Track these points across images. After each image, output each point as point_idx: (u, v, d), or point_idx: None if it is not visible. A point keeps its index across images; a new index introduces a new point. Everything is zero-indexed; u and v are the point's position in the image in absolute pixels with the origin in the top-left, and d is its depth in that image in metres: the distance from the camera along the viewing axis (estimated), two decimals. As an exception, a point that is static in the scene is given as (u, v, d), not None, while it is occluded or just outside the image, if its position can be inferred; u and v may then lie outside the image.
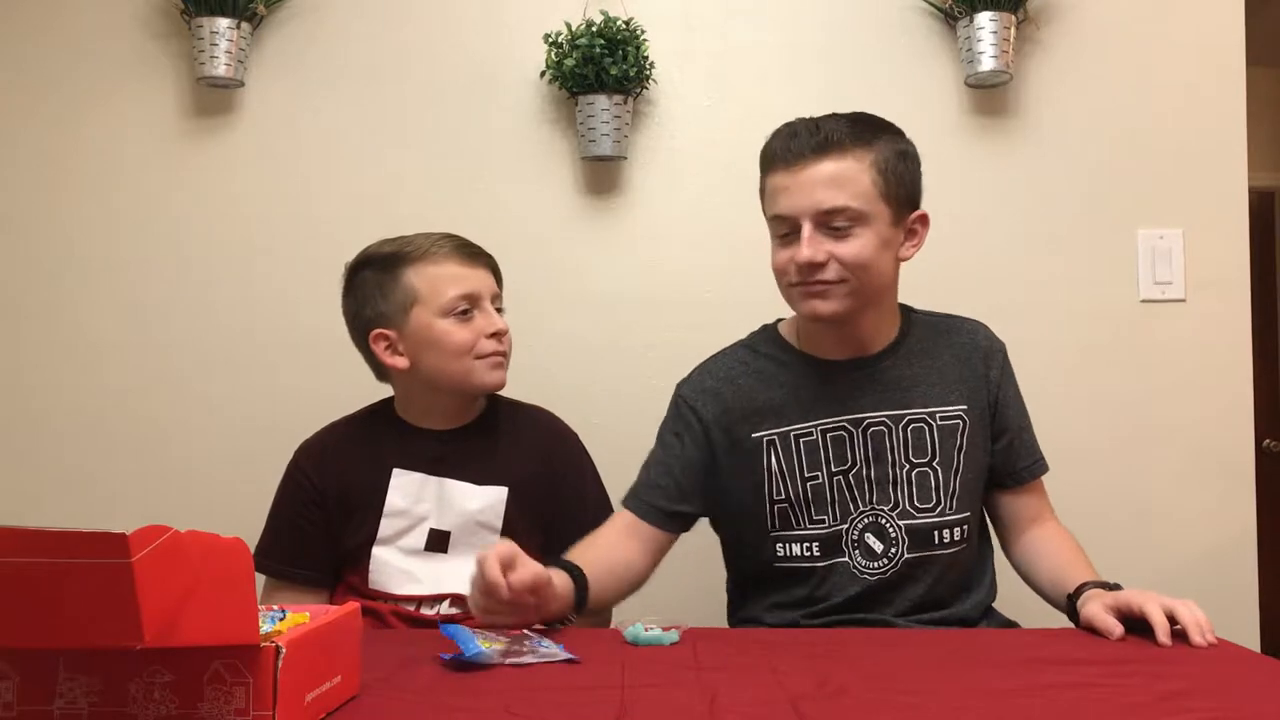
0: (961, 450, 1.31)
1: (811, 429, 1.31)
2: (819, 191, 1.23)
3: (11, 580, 0.64)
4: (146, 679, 0.74)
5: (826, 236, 1.24)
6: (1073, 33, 1.97)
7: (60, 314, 1.95)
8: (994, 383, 1.36)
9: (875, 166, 1.24)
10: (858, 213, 1.23)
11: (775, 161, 1.27)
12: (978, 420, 1.33)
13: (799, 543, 1.30)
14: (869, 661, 1.01)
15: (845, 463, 1.30)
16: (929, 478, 1.29)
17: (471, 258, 1.44)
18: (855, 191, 1.23)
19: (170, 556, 0.64)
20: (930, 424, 1.31)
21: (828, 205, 1.23)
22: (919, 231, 1.32)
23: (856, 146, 1.24)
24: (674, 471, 1.35)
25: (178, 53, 1.96)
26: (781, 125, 1.30)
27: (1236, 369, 1.96)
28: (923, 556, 1.29)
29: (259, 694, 0.73)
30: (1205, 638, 1.06)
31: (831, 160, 1.23)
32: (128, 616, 0.62)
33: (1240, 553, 1.94)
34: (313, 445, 1.49)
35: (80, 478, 1.94)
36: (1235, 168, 1.96)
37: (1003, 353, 1.40)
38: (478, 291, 1.42)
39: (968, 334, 1.39)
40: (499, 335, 1.42)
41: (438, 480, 1.42)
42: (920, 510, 1.29)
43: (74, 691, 0.75)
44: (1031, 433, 1.40)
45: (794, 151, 1.25)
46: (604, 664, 0.99)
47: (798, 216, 1.25)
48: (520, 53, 1.95)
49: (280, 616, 0.82)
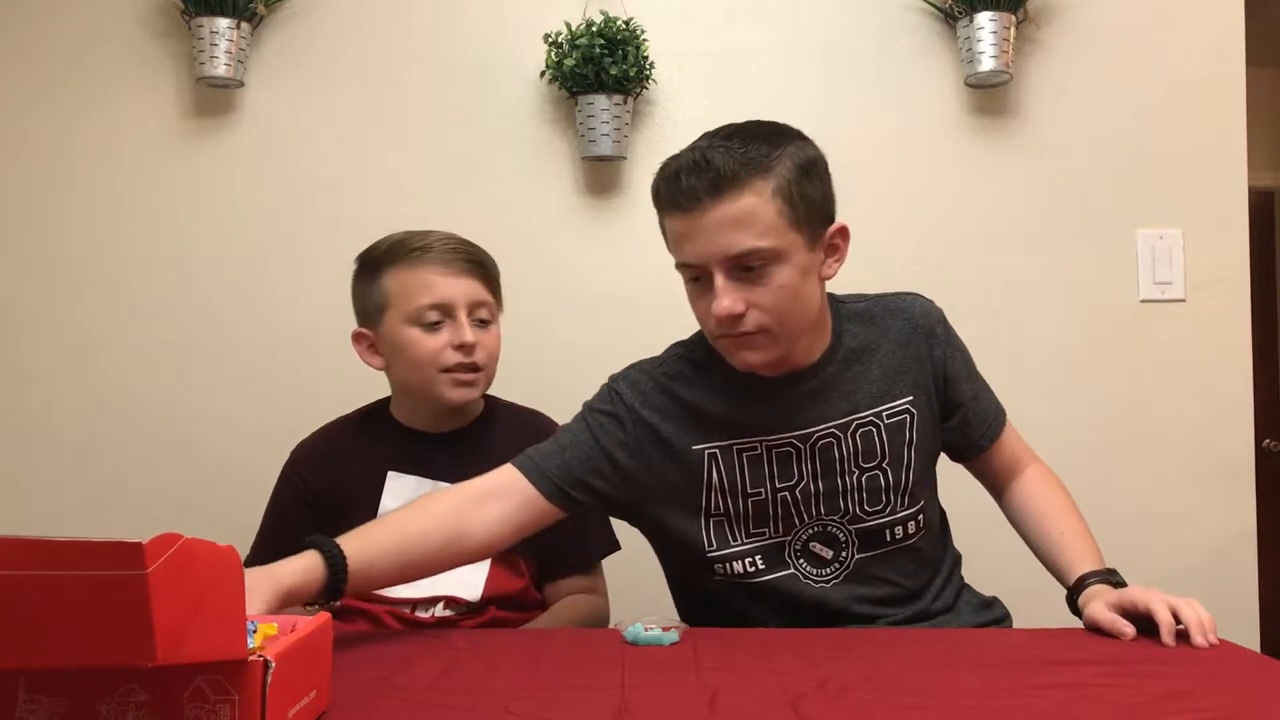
0: (911, 444, 1.26)
1: (756, 444, 1.23)
2: (722, 237, 1.11)
3: (11, 594, 0.59)
4: (119, 699, 0.67)
5: (741, 283, 1.14)
6: (1073, 33, 1.98)
7: (60, 313, 1.95)
8: (938, 360, 1.28)
9: (779, 194, 1.12)
10: (769, 252, 1.12)
11: (666, 206, 1.16)
12: (925, 406, 1.27)
13: (739, 559, 1.24)
14: (869, 661, 1.01)
15: (791, 478, 1.23)
16: (879, 479, 1.24)
17: (452, 265, 1.38)
18: (761, 229, 1.11)
19: (181, 567, 0.60)
20: (878, 424, 1.25)
21: (735, 250, 1.12)
22: (840, 246, 1.21)
23: (753, 177, 1.11)
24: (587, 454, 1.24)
25: (178, 53, 1.96)
26: (667, 160, 1.16)
27: (1236, 369, 1.96)
28: (875, 555, 1.25)
29: (246, 711, 0.68)
30: (1208, 638, 1.06)
31: (728, 200, 1.10)
32: (139, 632, 0.57)
33: (1240, 553, 1.94)
34: (308, 447, 1.48)
35: (78, 478, 1.93)
36: (1235, 168, 1.96)
37: (942, 323, 1.31)
38: (450, 301, 1.37)
39: (901, 315, 1.29)
40: (465, 348, 1.36)
41: (431, 484, 1.40)
42: (870, 513, 1.24)
43: (36, 715, 0.67)
44: (984, 397, 1.34)
45: (684, 194, 1.12)
46: (604, 664, 0.99)
47: (705, 265, 1.14)
48: (520, 53, 1.95)
49: (251, 629, 0.76)
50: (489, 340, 1.41)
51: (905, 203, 1.97)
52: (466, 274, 1.38)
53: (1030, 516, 1.32)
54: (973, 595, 1.34)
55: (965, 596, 1.33)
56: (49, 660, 0.63)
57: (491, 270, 1.43)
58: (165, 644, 0.59)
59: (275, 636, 0.77)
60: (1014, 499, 1.34)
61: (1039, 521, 1.30)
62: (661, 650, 1.06)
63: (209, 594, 0.64)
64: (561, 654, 1.05)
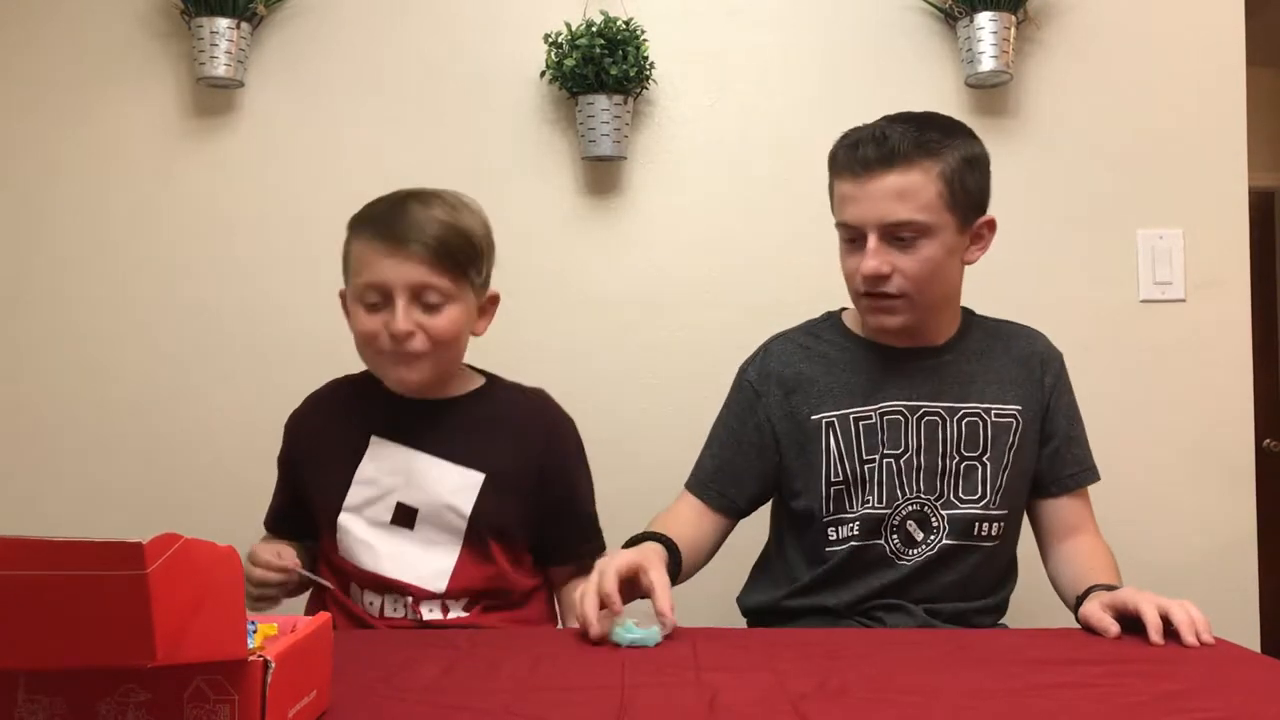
0: (1013, 448, 1.32)
1: (870, 413, 1.32)
2: (884, 204, 1.24)
3: (10, 594, 0.58)
4: (119, 699, 0.67)
5: (892, 248, 1.25)
6: (1073, 33, 1.98)
7: (59, 313, 1.95)
8: (1048, 388, 1.37)
9: (942, 177, 1.24)
10: (923, 225, 1.24)
11: (841, 170, 1.28)
12: (1031, 422, 1.34)
13: (848, 524, 1.31)
14: (869, 661, 1.01)
15: (898, 447, 1.31)
16: (977, 471, 1.31)
17: (394, 244, 1.27)
18: (920, 204, 1.24)
19: (181, 567, 0.60)
20: (985, 419, 1.32)
21: (893, 218, 1.24)
22: (985, 236, 1.33)
23: (923, 157, 1.24)
24: (740, 460, 1.38)
25: (178, 53, 1.96)
26: (849, 130, 1.30)
27: (1236, 369, 1.96)
28: (960, 545, 1.30)
29: (246, 711, 0.68)
30: (1200, 637, 1.06)
31: (897, 173, 1.23)
32: (139, 632, 0.57)
33: (1240, 553, 1.94)
34: (302, 404, 1.48)
35: (76, 478, 1.94)
36: (1235, 168, 1.96)
37: (1059, 361, 1.41)
38: (387, 283, 1.27)
39: (1026, 340, 1.41)
40: (395, 337, 1.28)
41: (414, 454, 1.36)
42: (964, 501, 1.31)
43: (36, 715, 0.67)
44: (1084, 444, 1.40)
45: (859, 162, 1.25)
46: (604, 664, 0.99)
47: (863, 227, 1.26)
48: (520, 53, 1.95)
49: (251, 629, 0.76)
50: (438, 324, 1.29)
51: (905, 203, 1.97)
52: (410, 256, 1.27)
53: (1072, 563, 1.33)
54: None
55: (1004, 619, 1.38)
56: (49, 660, 0.62)
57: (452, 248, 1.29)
58: (165, 644, 0.58)
59: (275, 636, 0.77)
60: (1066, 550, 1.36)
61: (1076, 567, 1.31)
62: (662, 650, 1.06)
63: (209, 594, 0.63)
64: (561, 654, 1.05)
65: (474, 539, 1.33)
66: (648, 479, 1.66)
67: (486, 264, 1.37)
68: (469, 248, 1.32)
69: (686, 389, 1.91)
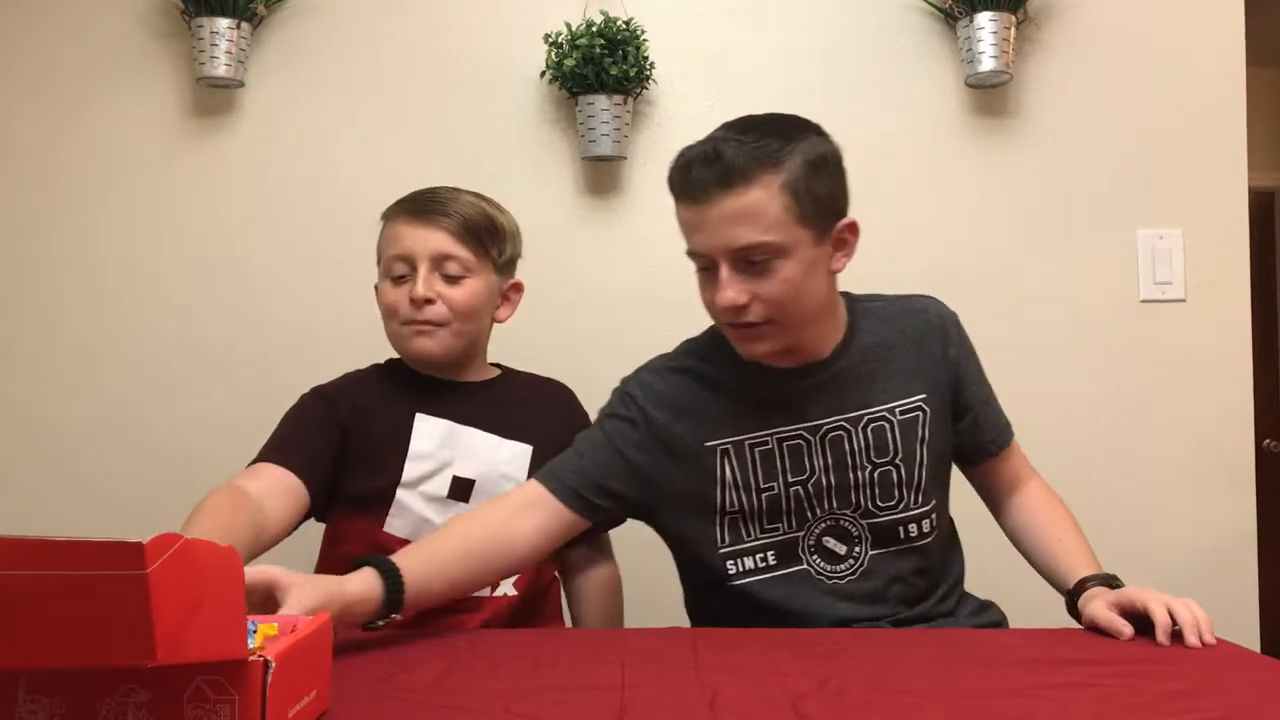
0: (924, 441, 1.26)
1: (767, 438, 1.23)
2: (728, 231, 1.13)
3: (10, 594, 0.58)
4: (119, 699, 0.67)
5: (746, 275, 1.15)
6: (1073, 33, 1.98)
7: (58, 313, 1.95)
8: (952, 361, 1.29)
9: (787, 190, 1.12)
10: (775, 246, 1.13)
11: (678, 195, 1.17)
12: (938, 405, 1.28)
13: (751, 555, 1.24)
14: (869, 661, 1.01)
15: (803, 472, 1.23)
16: (892, 474, 1.25)
17: (420, 217, 1.36)
18: (767, 224, 1.12)
19: (181, 567, 0.59)
20: (891, 420, 1.25)
21: (740, 243, 1.13)
22: (849, 241, 1.22)
23: (762, 171, 1.12)
24: (604, 459, 1.25)
25: (178, 53, 1.96)
26: (683, 149, 1.17)
27: (1236, 369, 1.96)
28: (889, 552, 1.25)
29: (246, 711, 0.68)
30: (1203, 638, 1.06)
31: (735, 194, 1.11)
32: (139, 632, 0.57)
33: (1240, 553, 1.94)
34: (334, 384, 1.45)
35: (75, 478, 1.93)
36: (1235, 168, 1.96)
37: (957, 326, 1.32)
38: (411, 253, 1.36)
39: (917, 314, 1.31)
40: (415, 302, 1.34)
41: (463, 429, 1.38)
42: (883, 508, 1.25)
43: (36, 715, 0.67)
44: (994, 404, 1.35)
45: (694, 185, 1.13)
46: (604, 664, 0.99)
47: (714, 257, 1.15)
48: (520, 53, 1.95)
49: (251, 629, 0.76)
50: (456, 295, 1.36)
51: (905, 203, 1.97)
52: (434, 226, 1.36)
53: (1029, 526, 1.32)
54: (971, 600, 1.35)
55: (965, 603, 1.34)
56: (49, 660, 0.62)
57: (476, 225, 1.38)
58: (165, 644, 0.58)
59: (275, 636, 0.77)
60: (1014, 511, 1.35)
61: (1037, 531, 1.31)
62: (662, 650, 1.06)
63: (209, 594, 0.63)
64: (561, 654, 1.05)
65: None
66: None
67: (510, 247, 1.45)
68: (492, 225, 1.40)
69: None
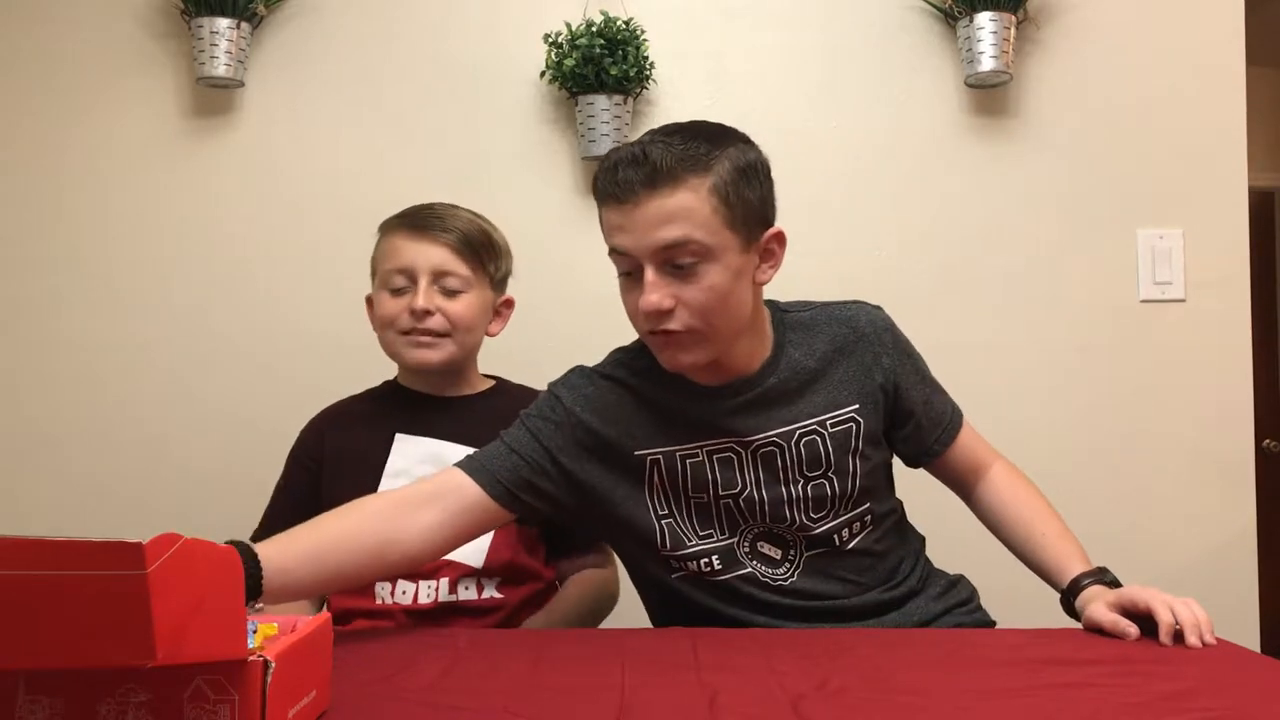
0: (856, 453, 1.23)
1: (697, 450, 1.21)
2: (654, 230, 1.10)
3: (10, 594, 0.58)
4: (119, 699, 0.67)
5: (671, 278, 1.12)
6: (1073, 33, 1.98)
7: (58, 313, 1.95)
8: (888, 369, 1.25)
9: (715, 193, 1.10)
10: (701, 246, 1.10)
11: (604, 196, 1.14)
12: (871, 414, 1.25)
13: (695, 560, 1.22)
14: (869, 661, 1.01)
15: (735, 486, 1.21)
16: (824, 487, 1.22)
17: (420, 231, 1.41)
18: (695, 224, 1.10)
19: (181, 567, 0.60)
20: (822, 433, 1.22)
21: (667, 240, 1.10)
22: (776, 252, 1.19)
23: (690, 174, 1.10)
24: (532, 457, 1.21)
25: (178, 53, 1.96)
26: (609, 152, 1.16)
27: (1236, 369, 1.96)
28: (823, 554, 1.23)
29: (246, 711, 0.68)
30: (1204, 638, 1.06)
31: (663, 195, 1.09)
32: (139, 632, 0.57)
33: (1240, 553, 1.94)
34: (321, 414, 1.52)
35: (75, 479, 1.94)
36: (1235, 168, 1.96)
37: (890, 330, 1.28)
38: (411, 266, 1.40)
39: (847, 324, 1.26)
40: (416, 313, 1.38)
41: (440, 444, 1.42)
42: (816, 520, 1.23)
43: (36, 715, 0.67)
44: (938, 398, 1.31)
45: (620, 186, 1.11)
46: (604, 664, 0.99)
47: (635, 255, 1.12)
48: (520, 53, 1.95)
49: (251, 629, 0.76)
50: (455, 308, 1.41)
51: (905, 203, 1.97)
52: (434, 242, 1.41)
53: (1005, 519, 1.29)
54: (940, 576, 1.33)
55: (932, 579, 1.32)
56: (49, 660, 0.62)
57: (474, 241, 1.43)
58: (165, 644, 0.58)
59: (275, 636, 0.77)
60: (984, 501, 1.32)
61: (1015, 524, 1.28)
62: (661, 650, 1.06)
63: (209, 594, 0.63)
64: (561, 654, 1.05)
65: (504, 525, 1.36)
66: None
67: (505, 264, 1.50)
68: (489, 242, 1.46)
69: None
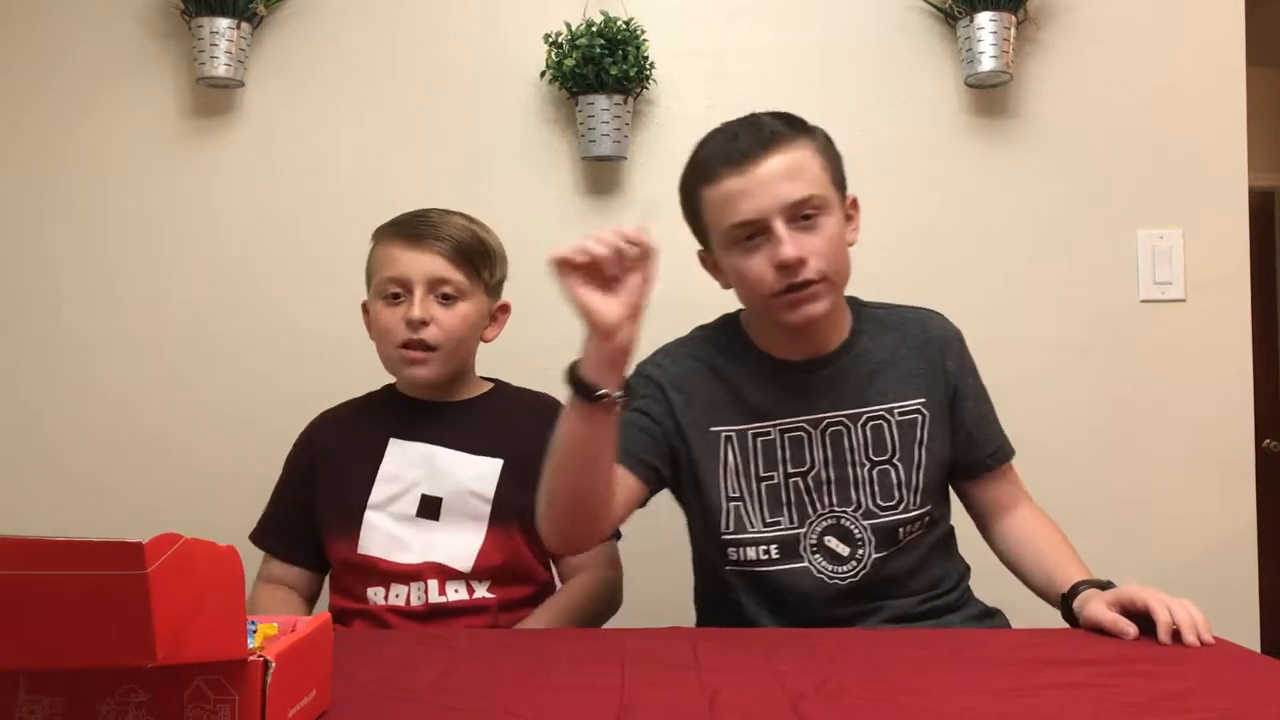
0: (922, 444, 1.28)
1: (769, 428, 1.27)
2: (781, 185, 1.19)
3: (10, 594, 0.58)
4: (119, 699, 0.67)
5: (799, 232, 1.20)
6: (1073, 33, 1.98)
7: (58, 313, 1.95)
8: (951, 374, 1.32)
9: (820, 153, 1.23)
10: (821, 199, 1.21)
11: (719, 167, 1.22)
12: (937, 412, 1.30)
13: (753, 546, 1.26)
14: (869, 661, 1.01)
15: (803, 464, 1.26)
16: (890, 474, 1.27)
17: (416, 241, 1.39)
18: (812, 178, 1.21)
19: (181, 567, 0.60)
20: (889, 420, 1.28)
21: (796, 196, 1.19)
22: (854, 216, 1.30)
23: (799, 135, 1.22)
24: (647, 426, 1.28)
25: (178, 53, 1.96)
26: (711, 132, 1.26)
27: (1236, 369, 1.96)
28: (890, 554, 1.26)
29: (246, 711, 0.68)
30: (1200, 637, 1.06)
31: (782, 151, 1.20)
32: (139, 632, 0.57)
33: (1240, 553, 1.94)
34: (320, 416, 1.53)
35: (74, 479, 1.93)
36: (1235, 168, 1.96)
37: (959, 341, 1.36)
38: (407, 276, 1.38)
39: (920, 325, 1.35)
40: (411, 323, 1.37)
41: (433, 449, 1.42)
42: (884, 508, 1.26)
43: (36, 715, 0.67)
44: (994, 420, 1.36)
45: (741, 151, 1.20)
46: (604, 664, 0.99)
47: (765, 217, 1.19)
48: (520, 53, 1.95)
49: (251, 629, 0.76)
50: (447, 318, 1.39)
51: (905, 203, 1.97)
52: (429, 250, 1.39)
53: (1024, 546, 1.32)
54: (978, 604, 1.35)
55: (970, 603, 1.34)
56: (49, 660, 0.62)
57: (469, 248, 1.42)
58: (165, 644, 0.58)
59: (275, 636, 0.77)
60: (1008, 530, 1.34)
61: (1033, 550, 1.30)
62: (661, 650, 1.06)
63: (209, 594, 0.63)
64: (561, 654, 1.05)
65: (498, 522, 1.39)
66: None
67: (500, 269, 1.48)
68: (484, 248, 1.44)
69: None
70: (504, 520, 1.39)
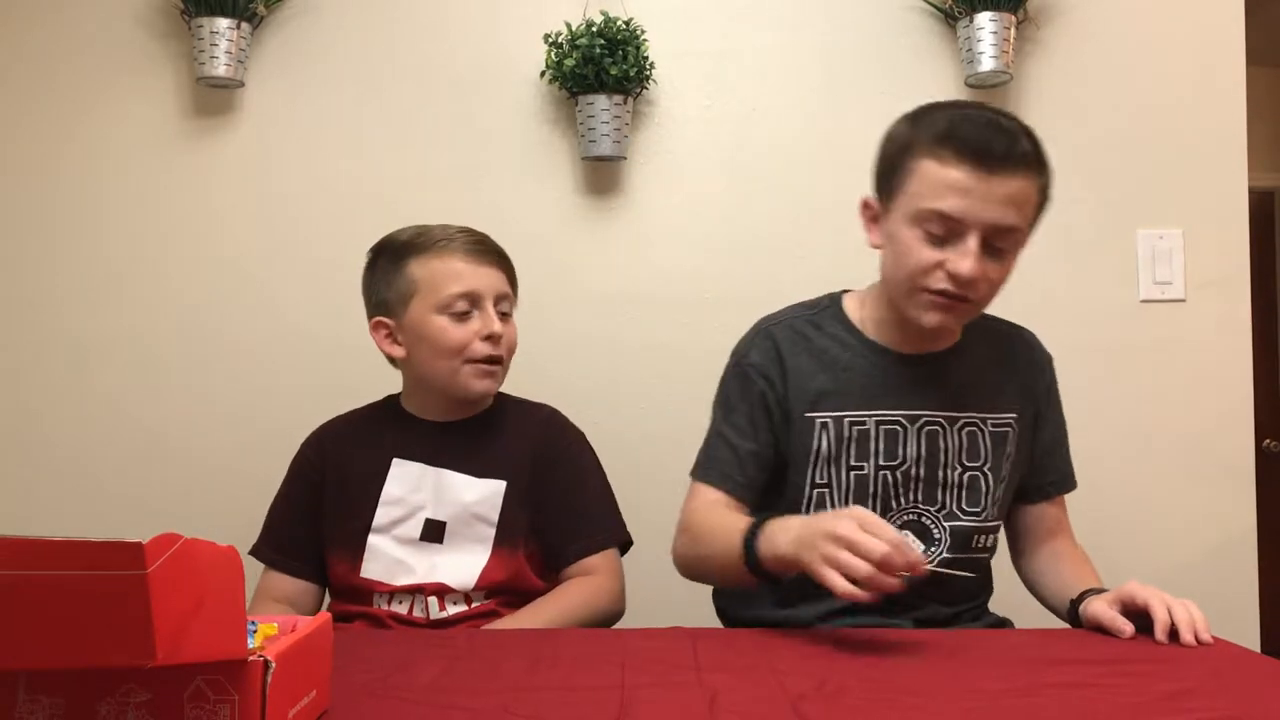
0: (1009, 458, 1.30)
1: (866, 419, 1.27)
2: (1003, 207, 1.15)
3: (10, 594, 0.58)
4: (119, 699, 0.67)
5: (986, 255, 1.17)
6: (1073, 33, 1.98)
7: (58, 314, 1.95)
8: (1041, 396, 1.35)
9: (1041, 192, 1.19)
10: (1021, 235, 1.19)
11: (960, 152, 1.14)
12: (1024, 429, 1.32)
13: None
14: (869, 661, 1.01)
15: (895, 459, 1.26)
16: (979, 481, 1.28)
17: (480, 255, 1.41)
18: (1026, 215, 1.18)
19: (181, 567, 0.60)
20: (982, 428, 1.29)
21: (1007, 223, 1.16)
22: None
23: (1041, 169, 1.18)
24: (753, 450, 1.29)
25: (178, 53, 1.96)
26: (970, 112, 1.19)
27: (1236, 369, 1.96)
28: (958, 559, 1.27)
29: (246, 711, 0.68)
30: (1198, 637, 1.06)
31: (1020, 178, 1.15)
32: (139, 632, 0.57)
33: (1240, 553, 1.94)
34: (321, 430, 1.50)
35: (75, 479, 1.93)
36: (1235, 168, 1.96)
37: (1051, 366, 1.38)
38: (478, 291, 1.39)
39: (1023, 343, 1.38)
40: (493, 339, 1.38)
41: (436, 471, 1.41)
42: (967, 513, 1.27)
43: (36, 715, 0.67)
44: (1066, 451, 1.38)
45: (989, 155, 1.14)
46: (604, 664, 0.99)
47: (970, 225, 1.16)
48: (520, 53, 1.95)
49: (251, 629, 0.76)
50: (510, 333, 1.44)
51: (905, 203, 1.96)
52: (492, 265, 1.42)
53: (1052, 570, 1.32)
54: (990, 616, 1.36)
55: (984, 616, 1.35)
56: (49, 660, 0.62)
57: (510, 264, 1.46)
58: (165, 644, 0.58)
59: (275, 636, 0.77)
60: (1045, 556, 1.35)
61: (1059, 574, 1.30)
62: (661, 650, 1.06)
63: (209, 594, 0.63)
64: (561, 654, 1.05)
65: (503, 544, 1.38)
66: (647, 477, 1.67)
67: None
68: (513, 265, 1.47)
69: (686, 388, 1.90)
70: (508, 541, 1.38)
